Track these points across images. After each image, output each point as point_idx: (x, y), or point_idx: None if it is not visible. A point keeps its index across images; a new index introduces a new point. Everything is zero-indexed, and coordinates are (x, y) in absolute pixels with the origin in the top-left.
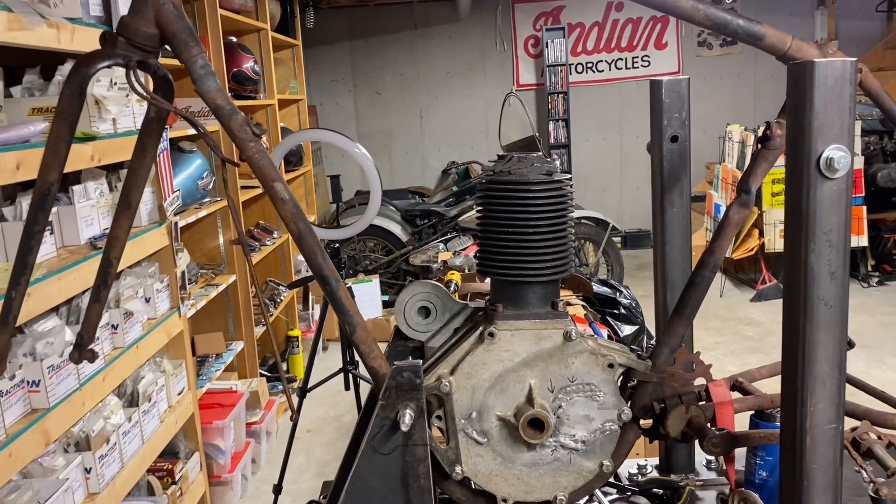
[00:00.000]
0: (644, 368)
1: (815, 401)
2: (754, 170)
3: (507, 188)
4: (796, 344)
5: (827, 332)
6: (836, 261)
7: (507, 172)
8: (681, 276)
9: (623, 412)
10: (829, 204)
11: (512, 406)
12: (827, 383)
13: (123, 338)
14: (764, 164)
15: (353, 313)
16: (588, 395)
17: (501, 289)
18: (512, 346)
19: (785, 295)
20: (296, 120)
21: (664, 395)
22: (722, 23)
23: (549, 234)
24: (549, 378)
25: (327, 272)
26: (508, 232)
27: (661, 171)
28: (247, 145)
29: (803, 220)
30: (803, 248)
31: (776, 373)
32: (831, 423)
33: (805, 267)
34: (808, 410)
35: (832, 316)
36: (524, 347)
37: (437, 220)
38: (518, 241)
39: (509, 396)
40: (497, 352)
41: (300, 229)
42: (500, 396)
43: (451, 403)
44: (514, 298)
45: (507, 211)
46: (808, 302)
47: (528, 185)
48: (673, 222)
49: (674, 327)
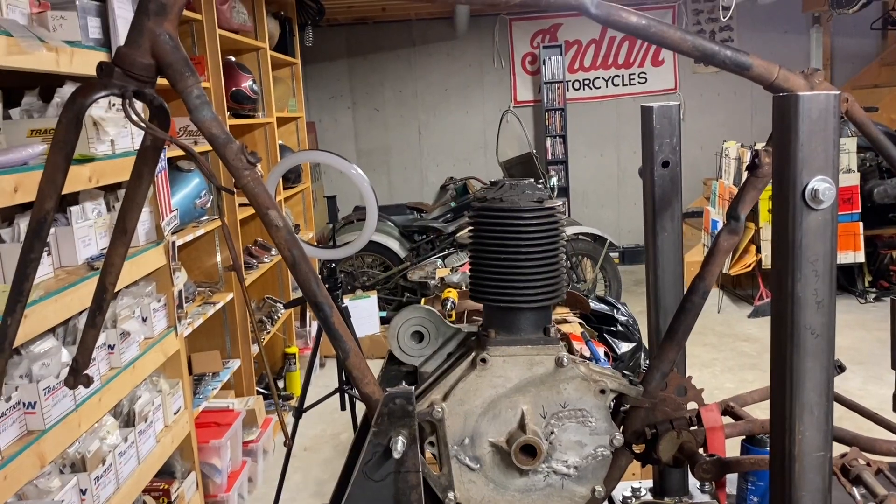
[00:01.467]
0: (635, 394)
1: (803, 428)
2: (743, 197)
3: (498, 215)
4: (784, 372)
5: (814, 361)
6: (823, 290)
7: (499, 199)
8: (673, 301)
9: (615, 438)
10: (815, 234)
11: (504, 432)
12: (815, 411)
13: (120, 358)
14: (752, 192)
15: (346, 339)
16: (580, 420)
17: (494, 314)
18: (504, 371)
19: (773, 323)
20: (295, 137)
21: (656, 421)
22: (710, 53)
23: (540, 261)
24: (542, 404)
25: (321, 299)
26: (500, 259)
27: (652, 196)
28: (241, 174)
29: (790, 250)
30: (790, 277)
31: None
32: (819, 450)
33: (792, 296)
34: (796, 438)
35: (819, 344)
36: (516, 373)
37: (434, 236)
38: (510, 267)
39: (502, 422)
40: (489, 378)
41: (294, 256)
42: (492, 422)
43: (444, 429)
44: (507, 324)
45: (498, 238)
46: (795, 330)
47: (520, 213)
48: (665, 246)
49: (665, 352)
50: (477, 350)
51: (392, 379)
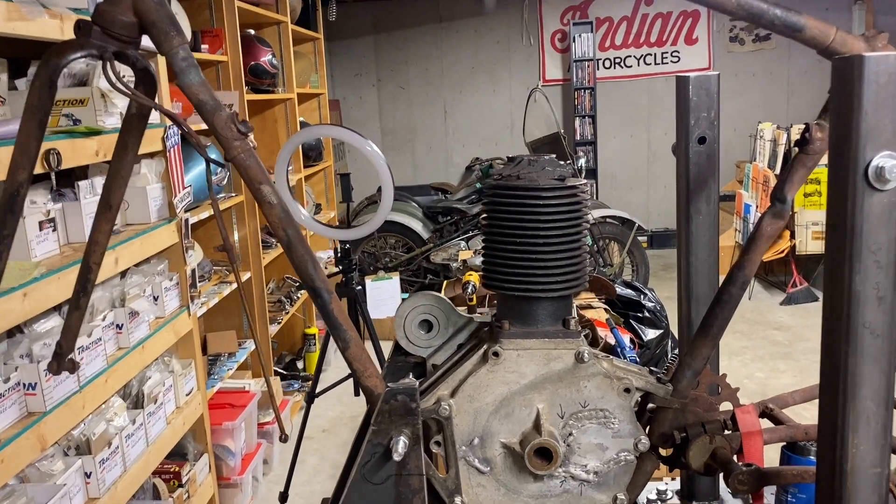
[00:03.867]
0: (664, 393)
1: (858, 441)
2: (790, 177)
3: (514, 194)
4: (836, 376)
5: (873, 364)
6: (885, 284)
7: (516, 177)
8: (706, 290)
9: (640, 441)
10: (878, 219)
11: (518, 432)
12: (871, 422)
13: (129, 338)
14: (801, 171)
15: (346, 328)
16: (602, 421)
17: (508, 304)
18: (518, 367)
19: (825, 320)
20: (317, 114)
21: (686, 423)
22: (757, 13)
23: (560, 246)
24: (559, 403)
25: (318, 283)
26: (516, 243)
27: (686, 175)
28: (231, 144)
29: (847, 238)
30: (847, 268)
31: (811, 398)
32: (876, 466)
33: (848, 290)
34: (848, 452)
35: (879, 346)
36: (532, 369)
37: (458, 218)
38: (527, 252)
39: (515, 422)
40: (502, 373)
41: (289, 236)
42: (504, 422)
43: (452, 428)
44: (522, 315)
45: (514, 220)
46: (851, 329)
47: (538, 192)
48: (699, 231)
49: (698, 348)
50: (489, 342)
51: (398, 371)
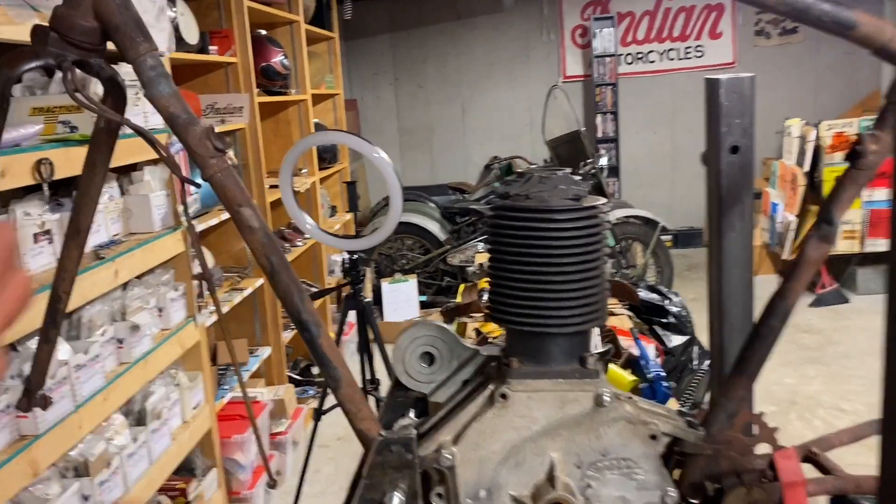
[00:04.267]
0: (695, 439)
1: None
2: (839, 196)
3: (523, 217)
4: None
5: None
6: None
7: (524, 196)
8: (740, 315)
9: (668, 495)
10: None
11: (529, 484)
12: None
13: (130, 353)
14: (852, 189)
15: (335, 365)
16: (624, 472)
17: (517, 339)
18: (529, 410)
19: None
20: (332, 115)
21: (720, 472)
22: (801, 8)
23: (577, 276)
24: (576, 451)
25: (305, 316)
26: (525, 272)
27: (718, 188)
28: (207, 162)
29: None
30: None
31: (860, 437)
32: None
33: None
34: None
35: None
36: (545, 413)
37: (477, 218)
38: (538, 283)
39: (526, 472)
40: (510, 417)
41: (272, 264)
42: (514, 472)
43: (455, 480)
44: (533, 352)
45: (523, 245)
46: None
47: (550, 214)
48: (732, 250)
49: (733, 388)
50: (496, 383)
51: (397, 408)
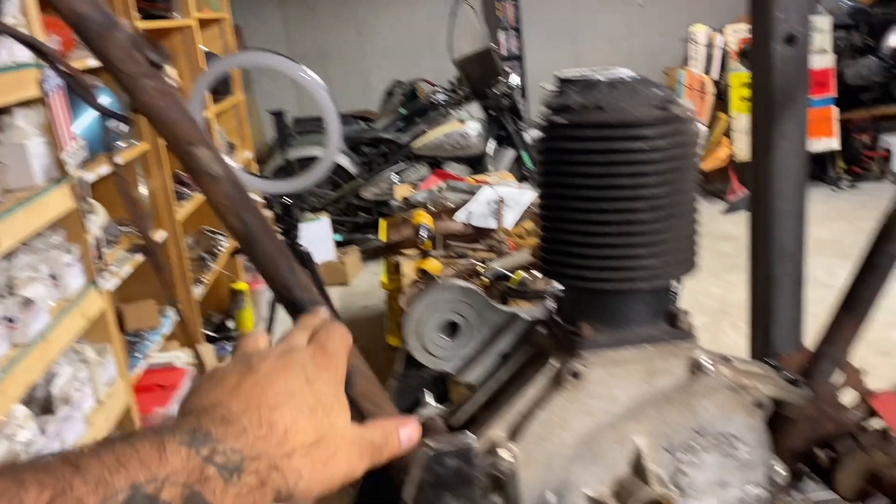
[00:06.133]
0: (802, 398)
1: None
2: None
3: (599, 136)
4: None
5: None
6: None
7: (595, 108)
8: (793, 241)
9: (776, 472)
10: None
11: (609, 479)
12: None
13: (25, 332)
14: None
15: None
16: (724, 451)
17: (587, 299)
18: (609, 389)
19: None
20: (220, 42)
21: (828, 435)
22: None
23: (671, 210)
24: (666, 433)
25: (300, 294)
26: (604, 210)
27: (769, 90)
28: (139, 84)
29: None
30: None
31: None
32: None
33: None
34: None
35: None
36: (628, 391)
37: (387, 148)
38: (622, 224)
39: (605, 466)
40: (586, 400)
41: (248, 226)
42: (590, 468)
43: (516, 484)
44: (611, 314)
45: (600, 175)
46: None
47: (638, 129)
48: (784, 163)
49: (841, 330)
50: (561, 357)
51: (410, 392)
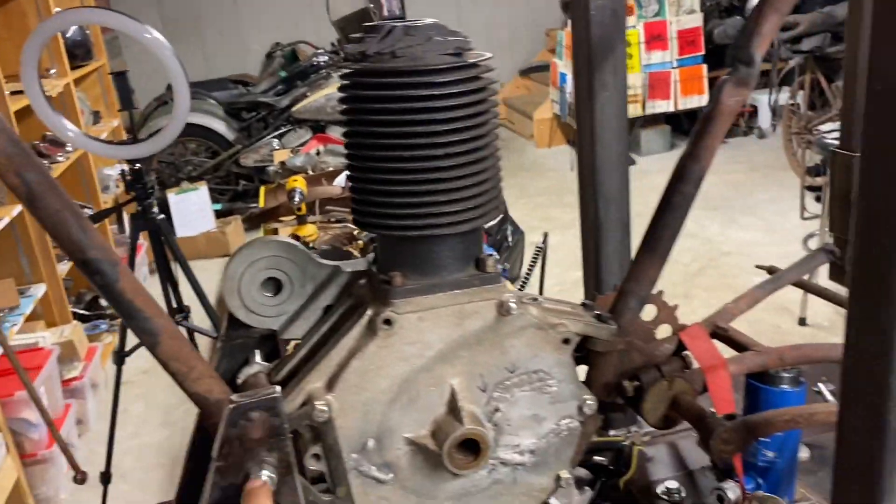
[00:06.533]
0: (608, 335)
1: None
2: (758, 27)
3: (395, 84)
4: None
5: None
6: None
7: (390, 55)
8: (617, 187)
9: (586, 403)
10: None
11: (427, 421)
12: None
13: None
14: (774, 18)
15: (148, 314)
16: (536, 387)
17: (397, 248)
18: (421, 335)
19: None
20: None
21: (635, 367)
22: None
23: (472, 155)
24: (479, 373)
25: (94, 253)
26: (405, 159)
27: (587, 40)
28: None
29: None
30: None
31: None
32: None
33: None
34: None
35: None
36: (439, 334)
37: (266, 113)
38: (423, 172)
39: (422, 409)
40: (399, 346)
41: (30, 186)
42: (407, 411)
43: (335, 434)
44: (420, 261)
45: (398, 124)
46: None
47: (433, 75)
48: (605, 111)
49: (643, 270)
50: (374, 306)
51: (236, 352)
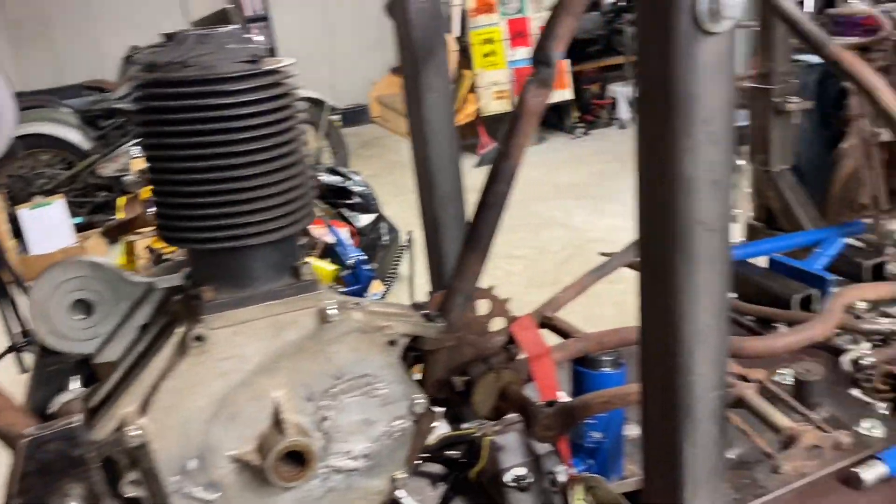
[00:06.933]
0: (436, 333)
1: (696, 365)
2: (554, 29)
3: (184, 93)
4: (665, 291)
5: (710, 269)
6: (719, 161)
7: (182, 64)
8: (451, 186)
9: (416, 402)
10: (711, 75)
11: (252, 437)
12: (710, 338)
13: None
14: (568, 20)
15: None
16: (364, 391)
17: (206, 261)
18: (236, 348)
19: (643, 215)
20: None
21: (464, 362)
22: None
23: (275, 163)
24: (304, 382)
25: None
26: (202, 169)
27: (410, 42)
28: None
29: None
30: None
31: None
32: (715, 388)
33: (675, 177)
34: (687, 381)
35: (715, 244)
36: (256, 347)
37: (125, 120)
38: (224, 182)
39: (245, 424)
40: (213, 363)
41: None
42: (229, 427)
43: (152, 458)
44: (231, 274)
45: (192, 134)
46: (681, 227)
47: (225, 83)
48: (433, 113)
49: (468, 266)
50: (187, 323)
51: (50, 381)
